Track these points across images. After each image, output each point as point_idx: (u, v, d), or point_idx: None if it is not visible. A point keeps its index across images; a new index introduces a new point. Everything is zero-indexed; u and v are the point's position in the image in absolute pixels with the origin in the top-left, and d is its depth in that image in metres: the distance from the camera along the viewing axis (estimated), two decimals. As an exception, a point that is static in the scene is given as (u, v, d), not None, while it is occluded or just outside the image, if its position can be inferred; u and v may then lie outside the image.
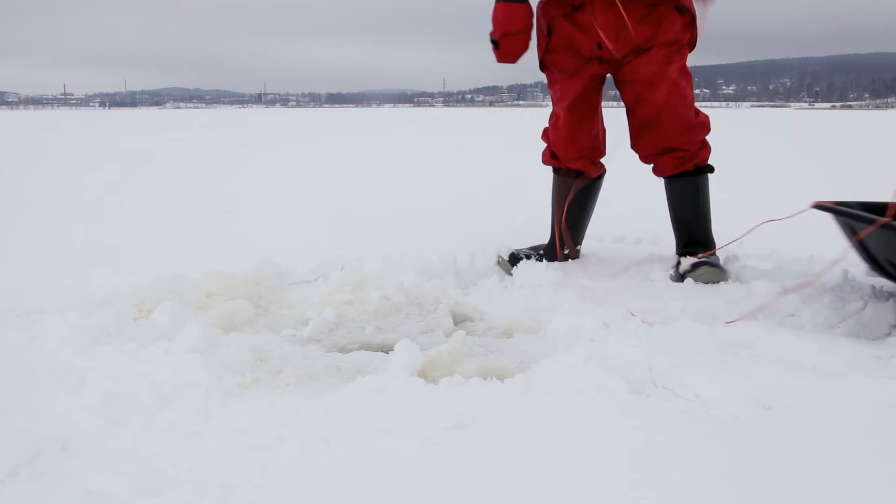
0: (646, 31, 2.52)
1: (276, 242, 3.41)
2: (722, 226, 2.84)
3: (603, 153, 2.90)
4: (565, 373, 1.65)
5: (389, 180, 6.36)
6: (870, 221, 2.03)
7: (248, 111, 71.21)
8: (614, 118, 2.96)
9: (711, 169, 2.75)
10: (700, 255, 2.62)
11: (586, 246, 3.15)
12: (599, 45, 2.56)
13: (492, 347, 1.97)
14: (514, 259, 2.84)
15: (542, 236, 3.07)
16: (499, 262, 2.88)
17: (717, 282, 2.50)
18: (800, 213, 2.26)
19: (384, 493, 1.21)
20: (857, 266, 2.32)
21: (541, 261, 2.85)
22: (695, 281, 2.51)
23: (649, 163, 2.82)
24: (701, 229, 2.74)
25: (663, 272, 2.69)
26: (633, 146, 2.83)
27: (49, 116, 40.11)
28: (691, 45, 2.66)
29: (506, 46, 2.60)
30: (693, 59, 2.67)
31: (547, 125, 2.88)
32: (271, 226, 3.95)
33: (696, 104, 2.73)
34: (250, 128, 19.78)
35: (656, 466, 1.28)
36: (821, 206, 2.18)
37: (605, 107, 2.92)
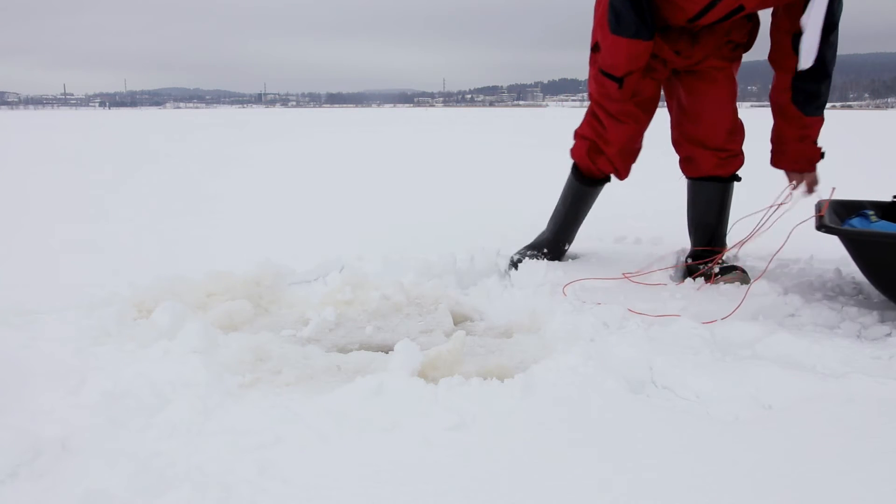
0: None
1: (276, 242, 3.41)
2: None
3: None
4: (565, 373, 1.65)
5: (389, 181, 6.36)
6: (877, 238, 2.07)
7: (249, 111, 71.29)
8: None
9: None
10: (716, 259, 2.60)
11: (587, 246, 3.16)
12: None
13: (492, 347, 1.97)
14: (517, 264, 2.78)
15: (534, 230, 3.06)
16: (508, 272, 2.78)
17: (747, 283, 2.48)
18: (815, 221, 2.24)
19: (384, 493, 1.21)
20: (853, 265, 2.32)
21: (541, 258, 2.80)
22: (724, 283, 2.49)
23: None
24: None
25: (663, 272, 2.69)
26: None
27: (49, 116, 40.13)
28: None
29: (629, 83, 2.49)
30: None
31: (592, 119, 2.72)
32: (271, 226, 3.95)
33: None
34: (251, 128, 19.79)
35: (656, 466, 1.28)
36: (823, 227, 2.18)
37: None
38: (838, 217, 2.40)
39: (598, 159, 2.73)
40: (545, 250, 2.88)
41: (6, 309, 2.18)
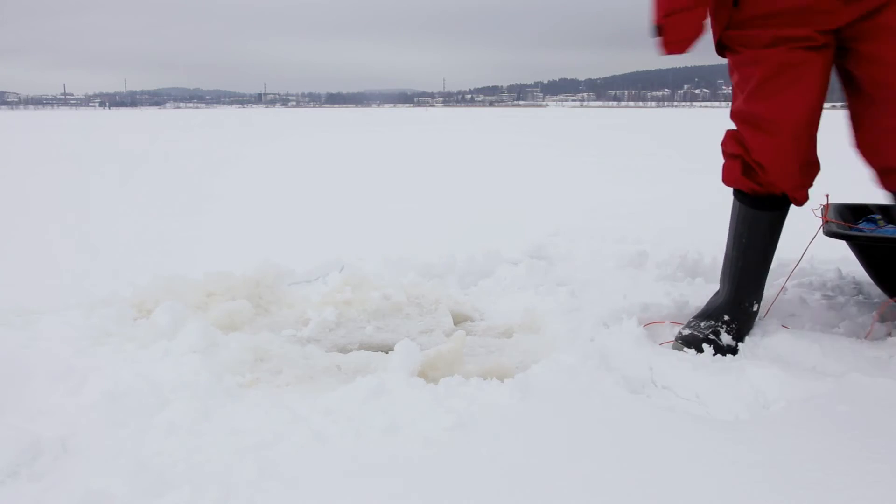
0: None
1: (275, 242, 3.41)
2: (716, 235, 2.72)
3: (819, 167, 1.98)
4: (565, 373, 1.65)
5: (389, 181, 6.36)
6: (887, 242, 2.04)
7: (249, 111, 71.37)
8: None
9: None
10: None
11: (589, 247, 3.15)
12: None
13: (492, 347, 1.97)
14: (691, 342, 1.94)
15: (534, 231, 3.04)
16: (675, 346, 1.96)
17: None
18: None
19: (384, 494, 1.21)
20: (853, 266, 2.32)
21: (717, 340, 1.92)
22: None
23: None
24: None
25: (663, 269, 2.68)
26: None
27: (49, 116, 40.14)
28: None
29: (671, 29, 1.82)
30: (692, 59, 2.22)
31: (733, 127, 1.97)
32: (271, 226, 3.95)
33: (695, 104, 2.18)
34: (250, 128, 19.79)
35: (656, 466, 1.28)
36: (832, 234, 2.12)
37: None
38: (844, 221, 2.38)
39: (771, 175, 1.94)
40: (726, 317, 1.98)
41: (6, 309, 2.18)
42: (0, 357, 1.77)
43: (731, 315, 1.98)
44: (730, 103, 2.17)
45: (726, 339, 1.92)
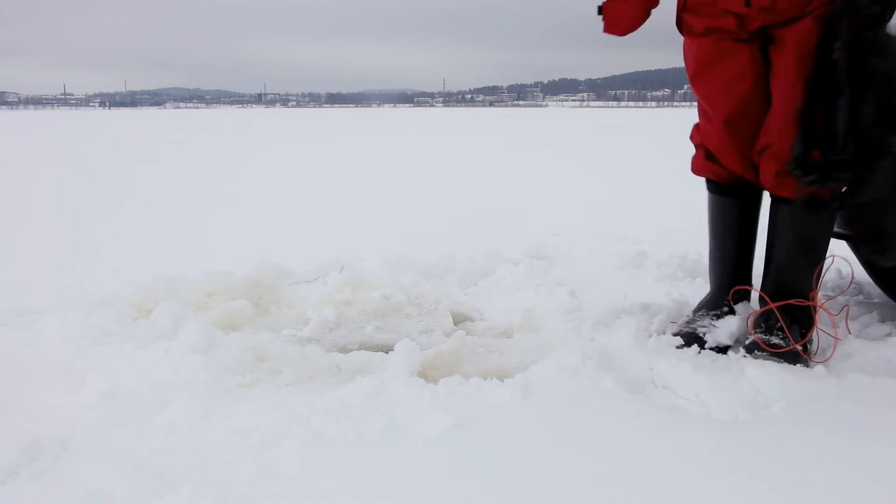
0: None
1: (276, 242, 3.41)
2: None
3: None
4: (565, 373, 1.65)
5: (389, 181, 6.36)
6: None
7: (249, 111, 71.45)
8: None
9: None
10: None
11: (589, 247, 3.14)
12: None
13: (492, 347, 1.97)
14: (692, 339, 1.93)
15: (534, 231, 3.04)
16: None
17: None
18: None
19: (384, 493, 1.21)
20: (853, 266, 2.32)
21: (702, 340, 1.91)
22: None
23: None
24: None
25: (656, 269, 2.68)
26: None
27: (49, 116, 40.17)
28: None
29: (610, 13, 1.93)
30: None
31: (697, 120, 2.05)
32: (271, 226, 3.95)
33: (695, 104, 2.21)
34: (250, 128, 19.80)
35: (656, 466, 1.28)
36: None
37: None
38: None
39: (717, 156, 2.00)
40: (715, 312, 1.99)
41: (6, 309, 2.18)
42: (0, 357, 1.77)
43: (714, 304, 2.02)
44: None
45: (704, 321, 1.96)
